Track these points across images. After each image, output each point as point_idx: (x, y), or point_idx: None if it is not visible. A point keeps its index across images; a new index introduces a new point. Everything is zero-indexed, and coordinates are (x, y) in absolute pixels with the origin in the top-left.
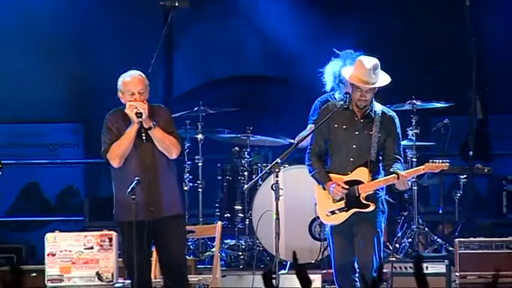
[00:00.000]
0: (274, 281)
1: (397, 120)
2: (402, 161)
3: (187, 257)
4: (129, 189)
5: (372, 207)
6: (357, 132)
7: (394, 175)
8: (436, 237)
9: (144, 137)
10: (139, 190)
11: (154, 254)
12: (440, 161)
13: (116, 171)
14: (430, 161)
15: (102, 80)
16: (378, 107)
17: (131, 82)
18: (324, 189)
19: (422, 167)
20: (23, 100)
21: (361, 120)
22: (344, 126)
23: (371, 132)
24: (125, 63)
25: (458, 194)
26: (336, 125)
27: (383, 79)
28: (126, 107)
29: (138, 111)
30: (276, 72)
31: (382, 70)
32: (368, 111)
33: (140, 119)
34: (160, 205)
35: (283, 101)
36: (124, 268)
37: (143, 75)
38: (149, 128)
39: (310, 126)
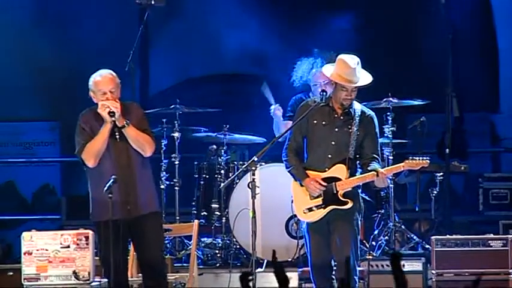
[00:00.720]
0: (251, 282)
1: (375, 120)
2: (379, 160)
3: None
4: (105, 188)
5: (349, 205)
6: (336, 129)
7: (373, 172)
8: (412, 235)
9: (117, 136)
10: (116, 189)
11: (131, 252)
12: (420, 158)
13: (91, 171)
14: (410, 158)
15: (78, 78)
16: (357, 106)
17: (102, 81)
18: (301, 185)
19: (402, 164)
20: None
21: (341, 118)
22: (323, 123)
23: (350, 130)
24: (101, 61)
25: (435, 192)
26: (315, 121)
27: (366, 77)
28: (99, 106)
29: (111, 111)
30: (253, 70)
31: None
32: (348, 108)
33: (113, 118)
34: (137, 203)
35: (260, 99)
36: (101, 267)
37: (114, 74)
38: (122, 126)
39: (285, 123)
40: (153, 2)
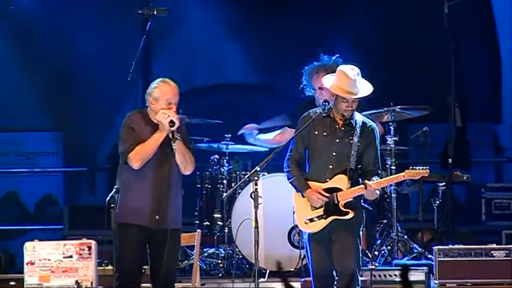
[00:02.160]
0: None
1: (377, 131)
2: (380, 172)
3: None
4: (108, 198)
5: (350, 215)
6: (337, 140)
7: (361, 186)
8: (415, 245)
9: (174, 146)
10: (150, 196)
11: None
12: (421, 167)
13: (128, 171)
14: (410, 167)
15: (81, 88)
16: (359, 117)
17: (171, 92)
18: (303, 196)
19: (402, 173)
20: (1, 109)
21: (342, 128)
22: (325, 134)
23: (351, 141)
24: (104, 71)
25: (437, 202)
26: (316, 132)
27: (366, 87)
28: (159, 113)
29: (172, 120)
30: (257, 80)
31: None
32: (349, 119)
33: (172, 129)
34: (166, 216)
35: (265, 109)
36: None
37: (176, 84)
38: (175, 139)
39: (285, 128)
40: (155, 13)
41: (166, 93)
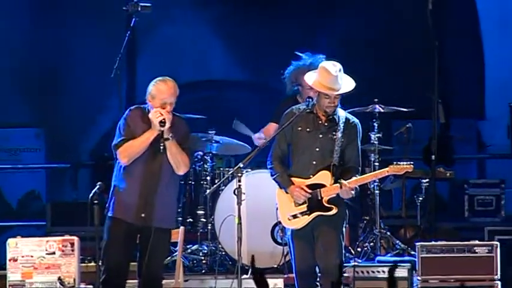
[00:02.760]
0: None
1: (359, 128)
2: (359, 169)
3: None
4: (91, 194)
5: (334, 211)
6: (320, 136)
7: (336, 185)
8: (397, 241)
9: (161, 146)
10: (135, 193)
11: None
12: (405, 163)
13: (122, 168)
14: (395, 163)
15: (64, 84)
16: (342, 113)
17: (167, 91)
18: (287, 192)
19: (386, 169)
20: None
21: (325, 124)
22: (308, 129)
23: (334, 136)
24: (88, 68)
25: (420, 198)
26: (299, 128)
27: (348, 83)
28: (152, 111)
29: (163, 120)
30: (241, 76)
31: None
32: (332, 115)
33: (162, 128)
34: (152, 214)
35: (248, 105)
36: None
37: (175, 83)
38: (167, 138)
39: (269, 123)
40: (139, 9)
41: (162, 92)
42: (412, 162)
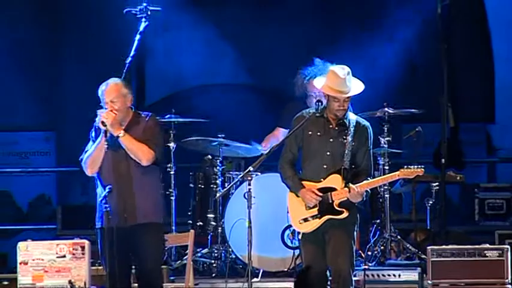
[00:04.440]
0: None
1: (370, 131)
2: (370, 173)
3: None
4: (101, 199)
5: (345, 214)
6: (331, 140)
7: (345, 189)
8: (408, 245)
9: (106, 145)
10: (114, 198)
11: None
12: (415, 166)
13: (97, 179)
14: (405, 166)
15: (73, 88)
16: (352, 116)
17: (106, 91)
18: (297, 196)
19: (397, 172)
20: None
21: (336, 128)
22: (318, 134)
23: (345, 140)
24: (97, 71)
25: (431, 202)
26: (310, 133)
27: (357, 86)
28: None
29: (102, 120)
30: (248, 80)
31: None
32: (343, 119)
33: (105, 128)
34: (134, 212)
35: (256, 108)
36: (96, 276)
37: (120, 83)
38: (117, 136)
39: (276, 128)
40: (149, 13)
41: (102, 92)
42: (423, 166)
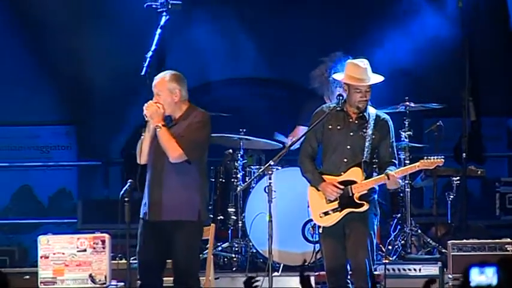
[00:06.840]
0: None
1: (390, 124)
2: (396, 163)
3: None
4: (122, 192)
5: (365, 207)
6: (351, 133)
7: (383, 175)
8: (429, 239)
9: (142, 135)
10: (149, 190)
11: None
12: (435, 157)
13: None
14: (425, 157)
15: (94, 81)
16: (372, 110)
17: (154, 83)
18: (318, 190)
19: (417, 163)
20: (15, 102)
21: (356, 121)
22: (338, 127)
23: (365, 133)
24: (117, 64)
25: (451, 196)
26: (330, 127)
27: (376, 76)
28: None
29: (145, 113)
30: (272, 74)
31: (374, 72)
32: (363, 112)
33: (146, 119)
34: (160, 208)
35: (279, 103)
36: (117, 270)
37: (168, 76)
38: (155, 129)
39: (296, 127)
40: (169, 7)
41: (153, 85)
42: (443, 156)
